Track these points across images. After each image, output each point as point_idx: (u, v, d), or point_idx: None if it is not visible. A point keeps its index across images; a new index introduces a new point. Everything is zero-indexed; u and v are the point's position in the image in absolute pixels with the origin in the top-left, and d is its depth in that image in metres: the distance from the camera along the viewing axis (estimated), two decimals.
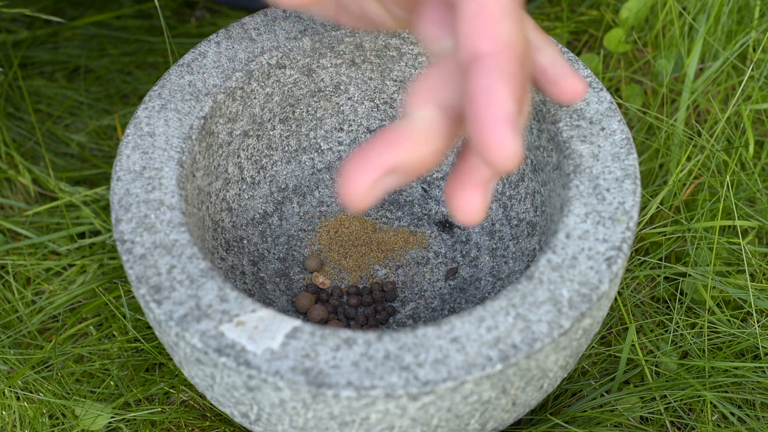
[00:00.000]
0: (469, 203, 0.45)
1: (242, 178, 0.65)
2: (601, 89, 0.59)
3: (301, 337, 0.49)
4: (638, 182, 0.55)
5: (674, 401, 0.63)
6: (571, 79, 0.52)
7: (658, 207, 0.71)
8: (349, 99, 0.67)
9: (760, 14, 0.79)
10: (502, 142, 0.42)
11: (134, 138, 0.57)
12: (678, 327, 0.67)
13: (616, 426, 0.63)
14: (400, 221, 0.68)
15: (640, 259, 0.70)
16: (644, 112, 0.77)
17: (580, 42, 0.83)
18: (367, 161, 0.43)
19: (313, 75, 0.65)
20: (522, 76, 0.43)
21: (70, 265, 0.72)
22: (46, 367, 0.67)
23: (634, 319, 0.67)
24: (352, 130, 0.68)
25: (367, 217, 0.68)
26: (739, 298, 0.68)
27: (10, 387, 0.65)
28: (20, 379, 0.65)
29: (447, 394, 0.48)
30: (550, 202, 0.59)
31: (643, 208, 0.71)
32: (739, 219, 0.70)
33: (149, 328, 0.67)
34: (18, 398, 0.65)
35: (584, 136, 0.57)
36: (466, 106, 0.43)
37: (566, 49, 0.61)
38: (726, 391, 0.64)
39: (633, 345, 0.65)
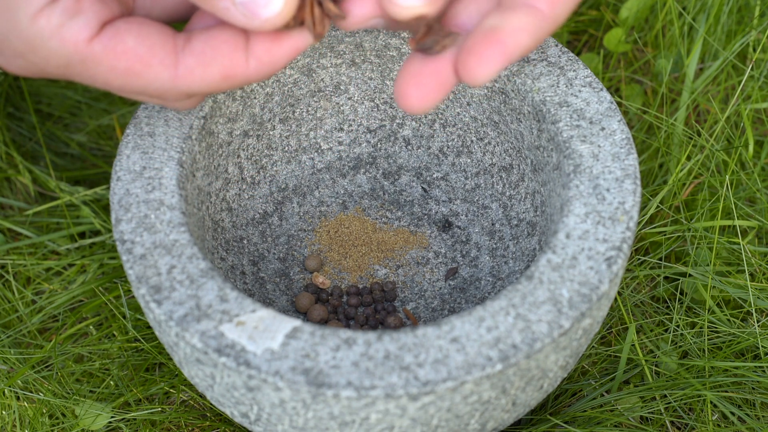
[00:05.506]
0: (426, 95, 0.47)
1: (242, 178, 0.65)
2: (601, 89, 0.59)
3: (301, 337, 0.49)
4: (638, 182, 0.55)
5: (674, 401, 0.63)
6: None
7: (658, 207, 0.71)
8: (349, 99, 0.67)
9: (760, 14, 0.79)
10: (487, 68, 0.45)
11: (134, 138, 0.57)
12: (678, 327, 0.67)
13: (616, 426, 0.63)
14: (400, 221, 0.68)
15: (640, 258, 0.70)
16: (644, 112, 0.77)
17: (580, 42, 0.83)
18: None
19: (313, 75, 0.65)
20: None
21: (70, 265, 0.72)
22: (46, 366, 0.67)
23: (634, 319, 0.67)
24: (352, 130, 0.68)
25: (367, 217, 0.68)
26: (739, 298, 0.68)
27: (10, 387, 0.65)
28: (20, 379, 0.65)
29: (447, 394, 0.48)
30: (550, 202, 0.59)
31: (643, 207, 0.71)
32: (738, 219, 0.70)
33: (149, 328, 0.67)
34: (18, 398, 0.65)
35: (584, 136, 0.57)
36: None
37: (566, 49, 0.61)
38: (726, 391, 0.64)
39: (633, 345, 0.65)
